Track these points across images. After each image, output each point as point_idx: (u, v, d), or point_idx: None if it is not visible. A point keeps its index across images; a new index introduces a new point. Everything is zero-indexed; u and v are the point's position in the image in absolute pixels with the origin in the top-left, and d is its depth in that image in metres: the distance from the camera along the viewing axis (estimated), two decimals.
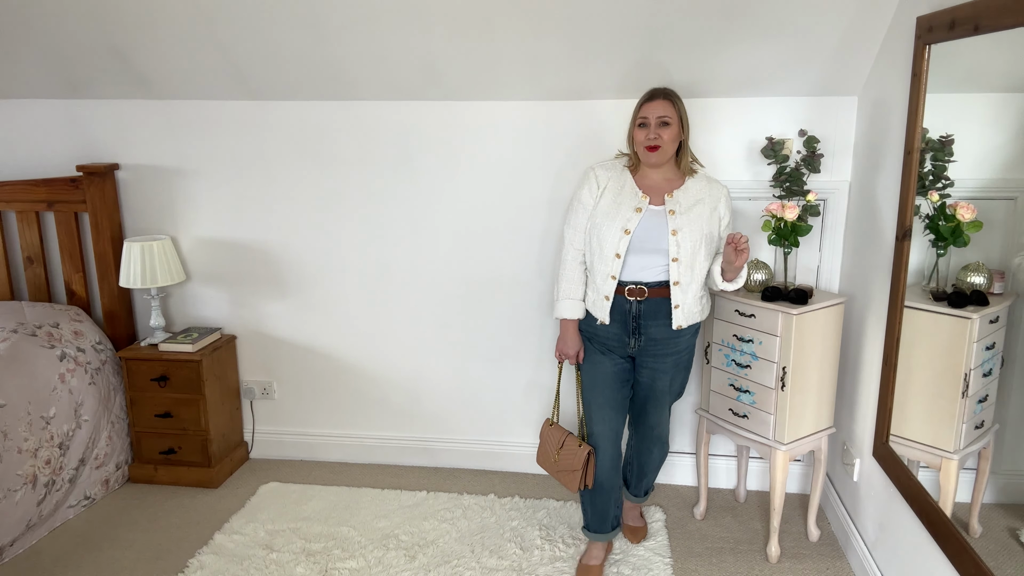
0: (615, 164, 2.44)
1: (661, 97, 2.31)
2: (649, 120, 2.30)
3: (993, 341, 1.83)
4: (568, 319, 2.48)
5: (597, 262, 2.38)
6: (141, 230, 3.27)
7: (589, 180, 2.42)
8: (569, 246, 2.46)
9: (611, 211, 2.35)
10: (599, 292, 2.39)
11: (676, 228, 2.31)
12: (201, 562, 2.63)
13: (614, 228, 2.33)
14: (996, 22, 1.66)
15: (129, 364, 3.10)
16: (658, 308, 2.36)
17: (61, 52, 2.91)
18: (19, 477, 2.61)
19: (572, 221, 2.45)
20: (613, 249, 2.33)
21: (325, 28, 2.65)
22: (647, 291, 2.35)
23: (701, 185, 2.39)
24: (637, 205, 2.34)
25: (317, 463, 3.40)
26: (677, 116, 2.31)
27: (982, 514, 1.85)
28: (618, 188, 2.38)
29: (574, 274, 2.46)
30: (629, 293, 2.36)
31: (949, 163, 1.99)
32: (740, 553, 2.69)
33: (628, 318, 2.38)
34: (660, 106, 2.30)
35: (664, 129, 2.30)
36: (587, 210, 2.41)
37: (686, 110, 2.34)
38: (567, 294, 2.46)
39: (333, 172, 3.10)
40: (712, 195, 2.38)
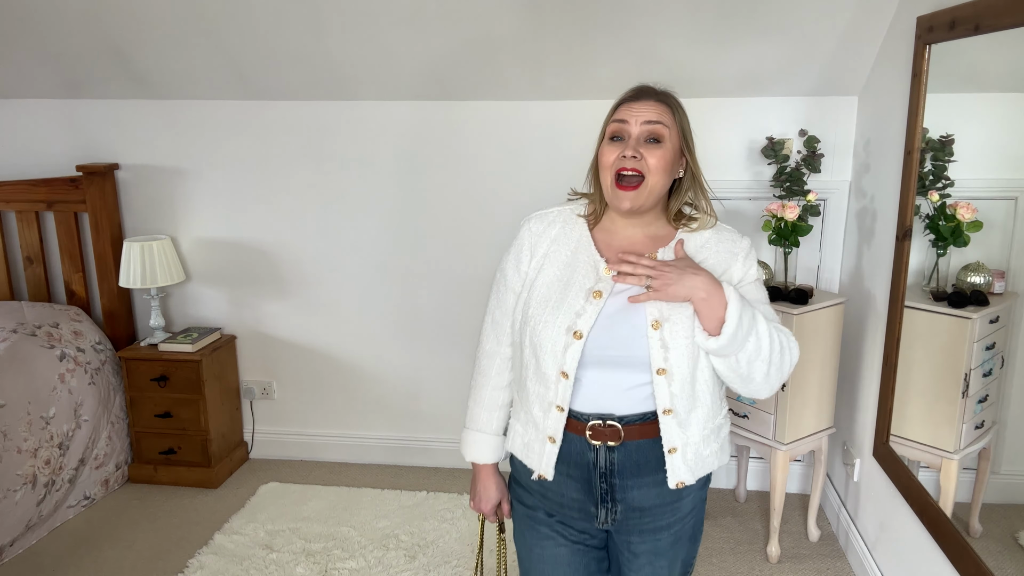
0: (564, 213, 1.51)
1: (652, 98, 1.41)
2: (628, 129, 1.38)
3: (993, 341, 1.83)
4: (476, 462, 1.61)
5: (532, 382, 1.45)
6: (141, 230, 3.27)
7: (518, 242, 1.52)
8: (485, 346, 1.57)
9: (552, 296, 1.42)
10: (538, 429, 1.46)
11: (660, 317, 1.36)
12: (201, 562, 2.62)
13: (555, 327, 1.39)
14: (996, 22, 1.66)
15: (129, 364, 3.10)
16: (644, 457, 1.43)
17: (61, 52, 2.90)
18: (19, 477, 2.61)
19: (491, 303, 1.57)
20: (556, 363, 1.39)
21: (325, 28, 2.65)
22: (623, 431, 1.40)
23: (705, 236, 1.47)
24: (594, 285, 1.40)
25: (317, 463, 3.39)
26: (677, 129, 1.41)
27: (982, 514, 1.85)
28: (567, 254, 1.46)
29: (492, 393, 1.57)
30: (594, 435, 1.41)
31: (949, 163, 1.99)
32: (740, 553, 2.69)
33: (593, 475, 1.44)
34: (650, 109, 1.39)
35: (652, 148, 1.37)
36: (514, 291, 1.51)
37: (689, 122, 1.44)
38: (476, 423, 1.59)
39: (333, 172, 3.10)
40: (722, 250, 1.46)
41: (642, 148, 1.37)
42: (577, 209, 1.52)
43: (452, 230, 3.09)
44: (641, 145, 1.37)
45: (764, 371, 1.37)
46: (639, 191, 1.37)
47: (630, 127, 1.38)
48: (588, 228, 1.48)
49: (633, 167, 1.36)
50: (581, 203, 1.53)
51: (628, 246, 1.45)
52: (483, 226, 3.08)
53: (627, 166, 1.36)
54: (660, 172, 1.37)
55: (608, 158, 1.39)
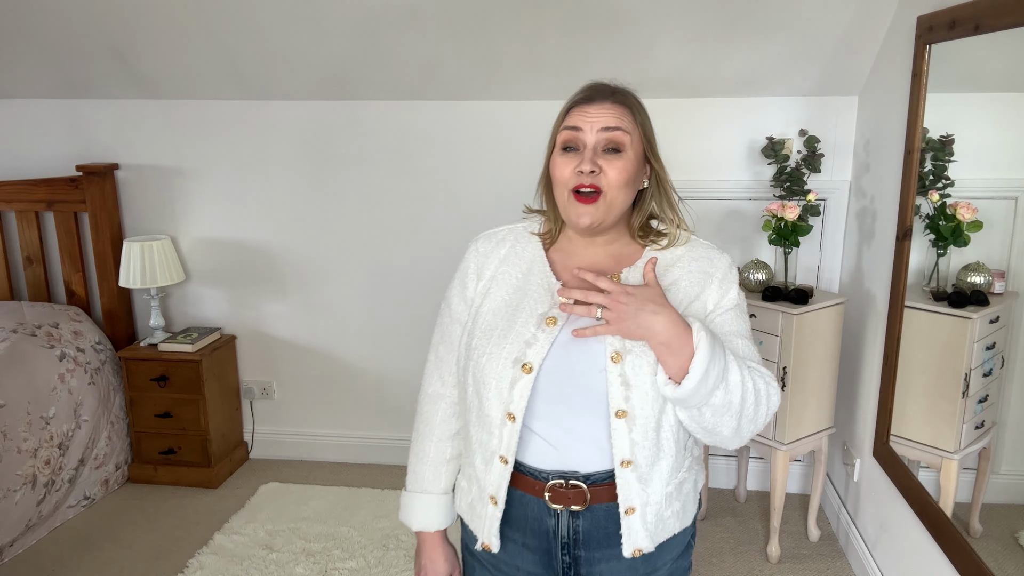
0: (515, 231, 1.35)
1: (609, 98, 1.22)
2: (582, 137, 1.19)
3: (993, 341, 1.82)
4: (413, 529, 1.40)
5: (475, 427, 1.25)
6: (141, 230, 3.27)
7: (464, 265, 1.35)
8: (428, 389, 1.39)
9: (498, 323, 1.23)
10: (480, 486, 1.26)
11: (622, 348, 1.16)
12: (201, 562, 2.62)
13: (501, 358, 1.19)
14: (996, 22, 1.66)
15: (129, 364, 3.10)
16: (612, 523, 1.22)
17: (61, 52, 2.90)
18: (19, 477, 2.60)
19: (435, 337, 1.37)
20: (501, 403, 1.19)
21: (325, 28, 2.65)
22: (588, 493, 1.19)
23: (676, 254, 1.26)
24: (548, 311, 1.21)
25: (317, 463, 3.39)
26: (639, 133, 1.22)
27: (982, 514, 1.85)
28: (518, 276, 1.27)
29: (438, 446, 1.37)
30: (554, 498, 1.20)
31: (949, 163, 1.99)
32: (740, 553, 2.69)
33: (555, 546, 1.24)
34: (606, 113, 1.19)
35: (612, 160, 1.18)
36: (459, 322, 1.32)
37: (651, 124, 1.26)
38: (420, 482, 1.37)
39: (333, 172, 3.10)
40: (695, 269, 1.25)
41: (600, 160, 1.17)
42: (531, 226, 1.34)
43: (452, 230, 3.09)
44: (599, 156, 1.18)
45: (733, 426, 1.15)
46: (598, 204, 1.18)
47: (585, 135, 1.18)
48: (543, 247, 1.30)
49: (591, 183, 1.17)
50: (536, 220, 1.35)
51: (587, 265, 1.25)
52: (483, 226, 3.05)
53: (584, 182, 1.17)
54: (622, 186, 1.18)
55: (562, 172, 1.19)
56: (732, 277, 1.26)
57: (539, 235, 1.32)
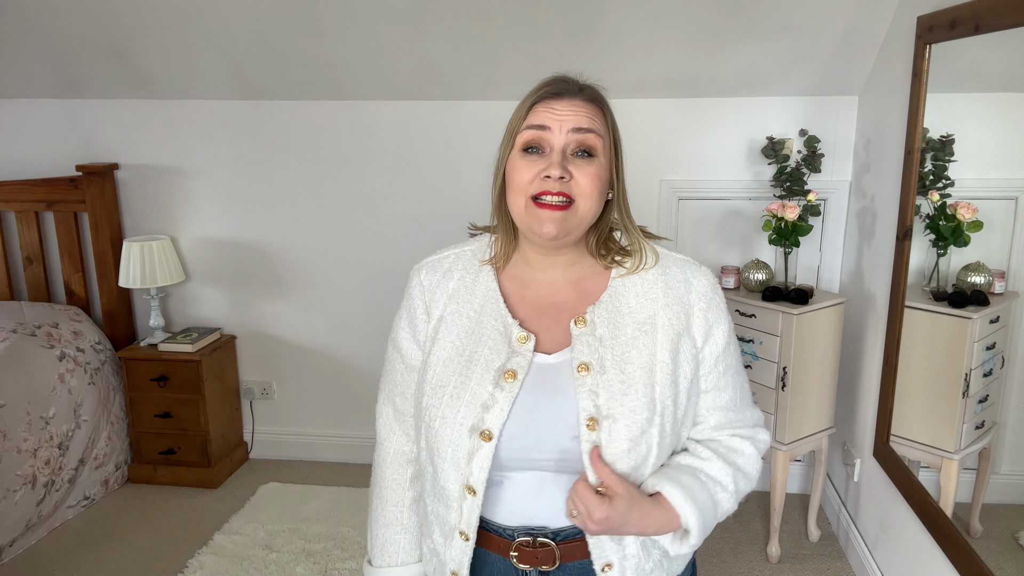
0: (462, 258, 1.17)
1: (579, 95, 1.08)
2: (549, 138, 1.04)
3: (993, 341, 1.82)
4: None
5: (431, 498, 1.12)
6: (140, 230, 3.27)
7: (409, 299, 1.18)
8: (384, 444, 1.22)
9: (449, 379, 1.07)
10: (440, 560, 1.13)
11: (597, 412, 1.01)
12: (201, 562, 2.62)
13: (455, 424, 1.04)
14: (997, 22, 1.66)
15: (128, 364, 3.10)
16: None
17: (61, 52, 2.90)
18: (18, 477, 2.60)
19: (387, 387, 1.22)
20: (458, 475, 1.05)
21: (325, 28, 2.65)
22: (558, 551, 1.08)
23: (648, 281, 1.09)
24: (507, 362, 1.05)
25: (317, 463, 3.39)
26: (610, 137, 1.07)
27: (983, 514, 1.85)
28: (470, 316, 1.11)
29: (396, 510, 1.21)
30: (522, 557, 1.08)
31: (949, 163, 1.99)
32: (740, 553, 2.69)
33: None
34: (578, 111, 1.05)
35: (583, 165, 1.03)
36: (412, 369, 1.17)
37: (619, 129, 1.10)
38: (384, 554, 1.21)
39: (333, 172, 3.10)
40: (673, 300, 1.08)
41: (570, 165, 1.02)
42: (479, 252, 1.15)
43: (451, 230, 3.08)
44: (569, 161, 1.02)
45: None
46: (568, 214, 1.02)
47: (552, 136, 1.03)
48: (495, 277, 1.11)
49: (560, 191, 1.01)
50: (482, 242, 1.16)
51: (547, 297, 1.09)
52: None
53: (551, 189, 1.00)
54: (594, 195, 1.03)
55: (523, 176, 1.03)
56: (717, 302, 1.10)
57: (490, 262, 1.13)
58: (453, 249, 1.18)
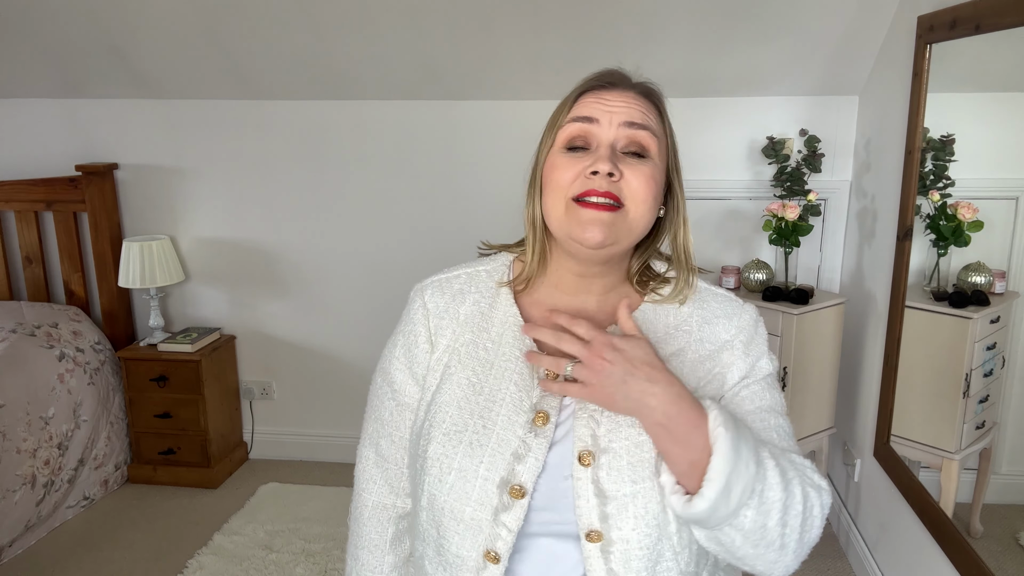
0: (476, 279, 1.00)
1: (634, 88, 0.95)
2: (597, 133, 0.89)
3: (994, 341, 1.82)
4: None
5: (434, 567, 0.91)
6: (140, 230, 3.27)
7: (409, 325, 1.01)
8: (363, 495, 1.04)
9: (467, 423, 0.90)
10: None
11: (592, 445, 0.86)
12: (200, 562, 2.62)
13: (479, 480, 0.87)
14: (997, 21, 1.66)
15: (128, 364, 3.10)
16: None
17: (61, 52, 2.90)
18: (18, 477, 2.60)
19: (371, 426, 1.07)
20: (479, 540, 0.86)
21: (325, 28, 2.64)
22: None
23: (683, 314, 0.95)
24: (540, 402, 0.89)
25: (317, 463, 3.39)
26: (667, 141, 0.93)
27: (983, 514, 1.85)
28: (488, 347, 0.94)
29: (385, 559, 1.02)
30: None
31: (950, 163, 1.99)
32: None
33: None
34: (631, 104, 0.91)
35: (636, 166, 0.88)
36: (405, 407, 1.00)
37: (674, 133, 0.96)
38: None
39: (333, 172, 3.10)
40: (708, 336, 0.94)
41: (621, 164, 0.86)
42: (495, 272, 0.98)
43: (452, 230, 3.09)
44: (619, 159, 0.86)
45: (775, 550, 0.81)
46: (617, 217, 0.85)
47: (601, 130, 0.88)
48: (514, 302, 0.95)
49: (607, 191, 0.85)
50: (499, 261, 1.00)
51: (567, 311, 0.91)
52: (484, 226, 3.07)
53: (598, 188, 0.84)
54: (648, 200, 0.87)
55: (563, 176, 0.87)
56: (760, 340, 0.94)
57: (508, 284, 0.97)
58: (464, 268, 1.00)
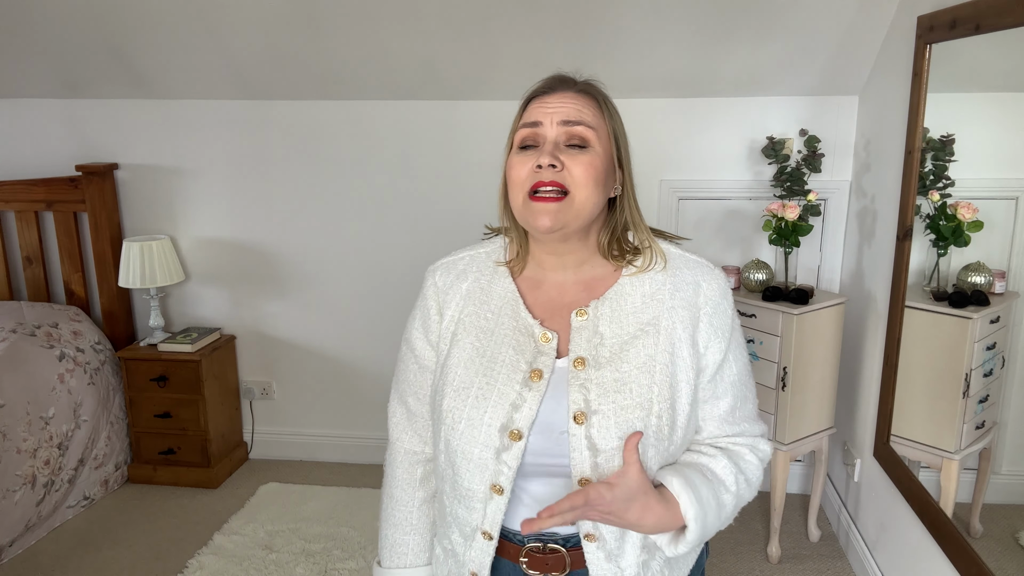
0: (477, 260, 1.18)
1: (572, 88, 1.10)
2: (542, 132, 1.06)
3: (994, 341, 1.82)
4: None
5: (451, 500, 1.11)
6: (140, 230, 3.27)
7: (423, 300, 1.19)
8: (396, 444, 1.25)
9: (473, 380, 1.07)
10: (458, 561, 1.14)
11: (586, 407, 1.02)
12: (200, 562, 2.62)
13: (484, 425, 1.05)
14: (997, 22, 1.66)
15: (128, 364, 3.10)
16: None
17: (61, 52, 2.90)
18: (18, 477, 2.60)
19: (400, 387, 1.23)
20: (485, 475, 1.05)
21: (325, 28, 2.64)
22: (569, 557, 1.08)
23: (657, 282, 1.09)
24: (534, 361, 1.06)
25: (317, 463, 3.39)
26: (608, 130, 1.07)
27: (983, 514, 1.85)
28: (488, 317, 1.11)
29: (406, 510, 1.22)
30: (532, 563, 1.09)
31: (950, 163, 1.99)
32: (740, 553, 2.69)
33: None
34: (568, 103, 1.06)
35: (576, 155, 1.03)
36: (426, 369, 1.17)
37: (622, 122, 1.10)
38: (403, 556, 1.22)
39: (333, 172, 3.10)
40: (680, 303, 1.07)
41: (562, 155, 1.02)
42: (493, 253, 1.16)
43: (452, 230, 3.09)
44: (561, 151, 1.02)
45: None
46: (563, 205, 1.01)
47: (544, 130, 1.04)
48: (512, 276, 1.12)
49: (552, 180, 1.01)
50: (496, 244, 1.17)
51: (558, 297, 1.09)
52: (483, 226, 3.07)
53: (544, 179, 1.01)
54: (589, 185, 1.01)
55: (519, 172, 1.03)
56: (724, 308, 1.09)
57: (506, 264, 1.14)
58: (468, 251, 1.19)
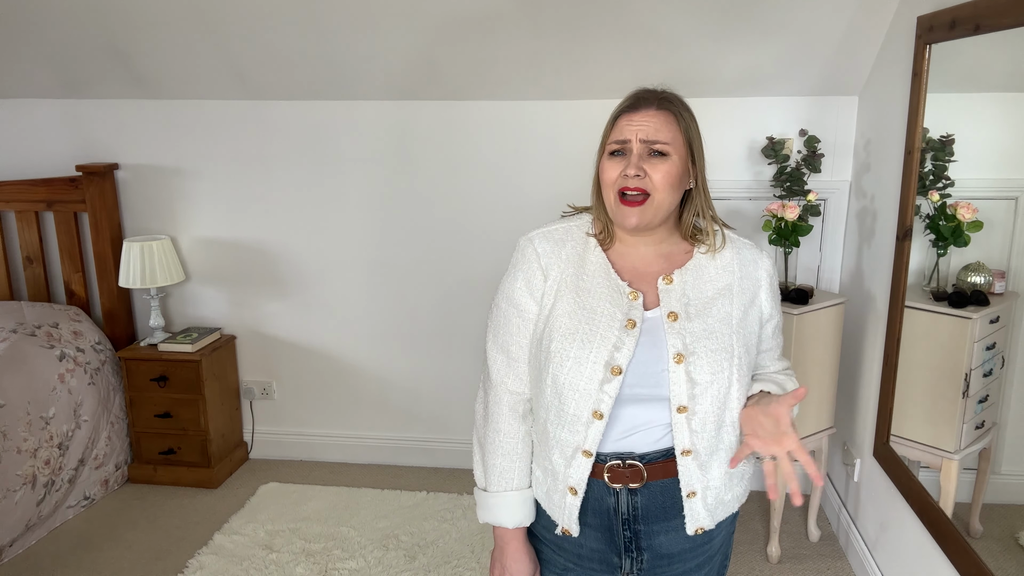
0: (571, 231, 1.37)
1: (653, 105, 1.28)
2: (628, 146, 1.27)
3: (993, 341, 1.82)
4: (509, 528, 1.40)
5: (555, 426, 1.31)
6: (140, 230, 3.27)
7: (525, 263, 1.35)
8: (499, 386, 1.39)
9: (579, 328, 1.28)
10: (557, 479, 1.34)
11: (684, 350, 1.27)
12: (201, 562, 2.62)
13: (591, 363, 1.26)
14: (997, 22, 1.66)
15: (128, 364, 3.10)
16: (670, 499, 1.33)
17: (61, 52, 2.90)
18: (18, 477, 2.60)
19: (501, 338, 1.38)
20: (588, 403, 1.27)
21: (325, 28, 2.64)
22: (645, 471, 1.30)
23: (725, 259, 1.37)
24: (628, 313, 1.28)
25: (317, 463, 3.39)
26: (683, 140, 1.30)
27: (983, 514, 1.85)
28: (585, 279, 1.32)
29: (512, 441, 1.39)
30: (614, 477, 1.30)
31: (949, 163, 1.99)
32: (740, 553, 2.69)
33: (615, 522, 1.34)
34: (651, 120, 1.27)
35: (656, 163, 1.26)
36: (528, 321, 1.35)
37: (699, 129, 1.34)
38: (507, 480, 1.39)
39: (333, 172, 3.10)
40: (746, 275, 1.37)
41: (645, 164, 1.26)
42: (583, 226, 1.38)
43: (452, 230, 3.09)
44: (644, 160, 1.26)
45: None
46: (645, 207, 1.27)
47: (629, 143, 1.27)
48: (602, 247, 1.35)
49: (636, 186, 1.26)
50: (584, 219, 1.39)
51: (642, 266, 1.34)
52: (483, 226, 3.08)
53: (630, 185, 1.26)
54: (666, 188, 1.27)
55: (610, 175, 1.28)
56: (776, 281, 1.42)
57: (595, 236, 1.37)
58: (561, 223, 1.39)
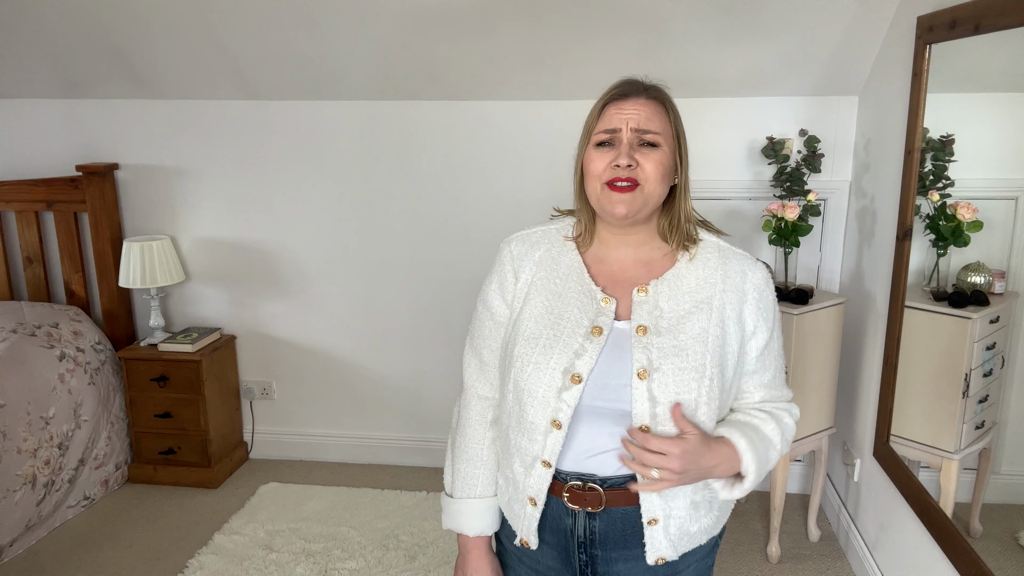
0: (549, 234, 1.34)
1: (643, 94, 1.23)
2: (618, 135, 1.20)
3: (993, 341, 1.82)
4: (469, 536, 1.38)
5: (515, 433, 1.27)
6: (140, 230, 3.27)
7: (500, 266, 1.34)
8: (470, 391, 1.38)
9: (542, 332, 1.24)
10: (518, 488, 1.29)
11: (648, 365, 1.19)
12: (201, 562, 2.62)
13: (549, 369, 1.21)
14: (997, 22, 1.66)
15: (129, 364, 3.10)
16: (631, 526, 1.26)
17: (61, 52, 2.90)
18: (18, 477, 2.60)
19: (476, 341, 1.37)
20: (547, 411, 1.21)
21: (325, 28, 2.65)
22: (605, 496, 1.23)
23: (709, 269, 1.26)
24: (595, 320, 1.23)
25: (317, 463, 3.39)
26: (672, 132, 1.24)
27: (983, 514, 1.85)
28: (556, 282, 1.28)
29: (478, 447, 1.37)
30: (572, 498, 1.24)
31: (949, 163, 1.99)
32: (740, 553, 2.69)
33: (571, 544, 1.29)
34: (641, 109, 1.21)
35: (648, 153, 1.20)
36: (500, 324, 1.33)
37: (682, 123, 1.27)
38: (472, 488, 1.37)
39: (333, 172, 3.10)
40: (730, 287, 1.25)
41: (637, 154, 1.19)
42: (563, 230, 1.33)
43: (452, 230, 3.09)
44: (635, 150, 1.19)
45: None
46: (635, 194, 1.19)
47: (620, 134, 1.20)
48: (579, 251, 1.30)
49: (628, 176, 1.18)
50: (566, 222, 1.34)
51: (619, 272, 1.27)
52: (483, 226, 3.08)
53: (621, 175, 1.18)
54: (657, 179, 1.20)
55: (597, 166, 1.21)
56: (768, 295, 1.27)
57: (573, 239, 1.31)
58: (541, 227, 1.36)
